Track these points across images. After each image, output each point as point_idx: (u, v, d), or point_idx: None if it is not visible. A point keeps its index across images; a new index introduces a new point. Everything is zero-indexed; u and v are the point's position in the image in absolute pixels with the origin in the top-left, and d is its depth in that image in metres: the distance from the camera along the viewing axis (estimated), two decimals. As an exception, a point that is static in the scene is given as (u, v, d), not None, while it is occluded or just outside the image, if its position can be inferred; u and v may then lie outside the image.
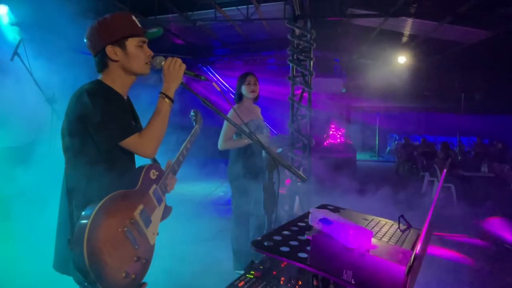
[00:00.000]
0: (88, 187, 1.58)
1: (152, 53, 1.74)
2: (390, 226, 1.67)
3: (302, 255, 1.37)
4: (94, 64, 1.73)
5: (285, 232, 1.58)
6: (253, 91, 3.55)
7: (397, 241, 1.49)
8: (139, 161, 1.82)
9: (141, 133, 1.62)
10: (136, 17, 1.75)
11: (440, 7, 6.67)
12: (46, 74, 4.73)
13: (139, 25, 1.73)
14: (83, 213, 1.48)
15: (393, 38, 9.36)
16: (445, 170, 1.66)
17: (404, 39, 9.65)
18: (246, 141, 3.50)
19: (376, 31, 8.85)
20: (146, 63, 1.72)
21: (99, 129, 1.55)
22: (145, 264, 1.65)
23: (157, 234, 1.77)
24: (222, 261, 3.97)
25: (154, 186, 1.80)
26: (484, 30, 7.70)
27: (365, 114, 15.11)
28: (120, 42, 1.66)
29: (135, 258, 1.57)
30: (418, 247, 1.34)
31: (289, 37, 5.40)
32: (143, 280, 1.64)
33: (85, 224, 1.42)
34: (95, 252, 1.41)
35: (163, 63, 1.70)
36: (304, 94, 5.44)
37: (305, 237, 1.51)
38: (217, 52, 12.40)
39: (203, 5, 7.43)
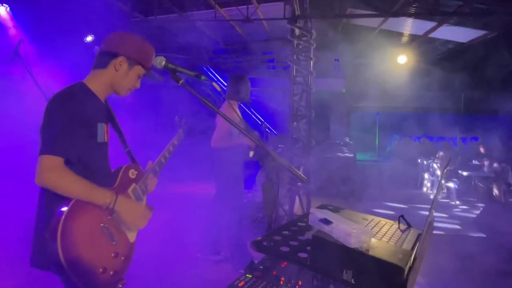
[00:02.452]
0: None
1: (138, 87, 1.86)
2: (390, 226, 1.67)
3: (302, 255, 1.37)
4: (94, 60, 1.79)
5: (285, 232, 1.58)
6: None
7: (397, 241, 1.49)
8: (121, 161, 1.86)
9: (65, 168, 1.54)
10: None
11: (440, 7, 6.67)
12: (46, 74, 4.74)
13: (152, 63, 1.83)
14: (59, 206, 1.49)
15: (393, 38, 9.35)
16: (445, 170, 1.66)
17: (404, 39, 9.64)
18: (243, 140, 3.57)
19: (376, 31, 8.85)
20: (129, 90, 1.83)
21: (41, 135, 1.59)
22: (125, 261, 1.67)
23: (137, 232, 1.80)
24: (222, 261, 3.98)
25: (133, 185, 1.84)
26: (484, 30, 7.70)
27: (365, 114, 15.11)
28: (132, 62, 1.77)
29: (113, 254, 1.59)
30: (418, 247, 1.34)
31: (289, 37, 5.40)
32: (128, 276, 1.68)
33: (60, 217, 1.43)
34: (69, 245, 1.42)
35: (163, 63, 1.70)
36: (304, 94, 5.44)
37: (305, 237, 1.51)
38: (217, 52, 12.39)
39: (203, 5, 7.42)
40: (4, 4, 5.91)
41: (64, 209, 1.46)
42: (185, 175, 7.02)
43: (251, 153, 3.84)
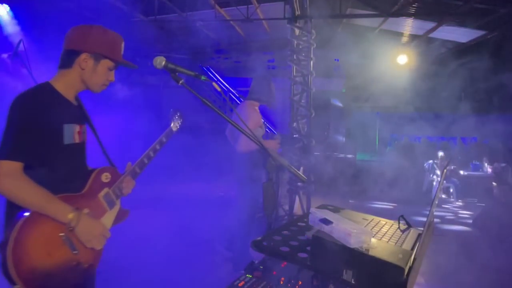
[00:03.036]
0: None
1: (113, 80, 1.78)
2: (390, 226, 1.67)
3: (302, 255, 1.37)
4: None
5: (285, 232, 1.58)
6: None
7: (397, 241, 1.49)
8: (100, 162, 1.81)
9: (21, 174, 1.47)
10: (123, 45, 1.78)
11: (440, 7, 6.67)
12: (46, 74, 4.74)
13: (122, 51, 1.77)
14: (18, 213, 1.44)
15: (393, 38, 9.36)
16: (445, 170, 1.66)
17: (404, 39, 9.65)
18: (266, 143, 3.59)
19: (376, 31, 8.85)
20: (103, 85, 1.75)
21: (1, 138, 1.50)
22: (89, 268, 1.62)
23: (107, 237, 1.72)
24: (222, 262, 3.98)
25: (106, 189, 1.77)
26: (484, 30, 7.70)
27: (365, 114, 15.11)
28: (97, 57, 1.68)
29: (74, 263, 1.53)
30: (418, 247, 1.34)
31: (289, 37, 5.39)
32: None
33: (15, 228, 1.39)
34: (22, 257, 1.37)
35: (163, 63, 1.70)
36: (304, 94, 5.44)
37: (305, 237, 1.51)
38: (217, 52, 12.39)
39: (203, 5, 7.42)
40: (4, 4, 5.91)
41: (23, 216, 1.41)
42: (188, 175, 7.05)
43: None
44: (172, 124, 2.25)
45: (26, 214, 1.42)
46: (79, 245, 1.56)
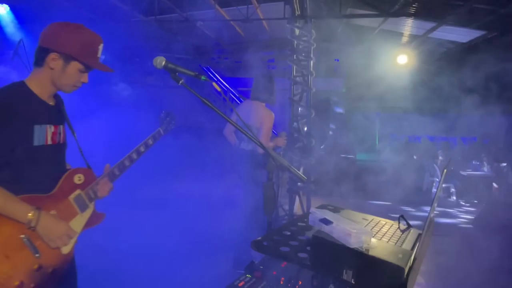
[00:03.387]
0: None
1: (86, 82, 1.69)
2: (390, 226, 1.67)
3: (302, 255, 1.37)
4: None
5: (285, 232, 1.58)
6: None
7: (397, 241, 1.49)
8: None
9: None
10: (102, 47, 1.70)
11: (440, 7, 6.67)
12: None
13: (99, 54, 1.67)
14: None
15: (393, 38, 9.36)
16: (445, 170, 1.66)
17: (404, 39, 9.64)
18: (271, 144, 3.66)
19: (376, 31, 8.85)
20: (74, 86, 1.68)
21: None
22: (53, 273, 1.56)
23: (76, 242, 1.67)
24: (222, 261, 3.98)
25: (77, 191, 1.72)
26: (484, 30, 7.70)
27: (364, 114, 15.10)
28: (67, 58, 1.60)
29: (35, 267, 1.49)
30: (418, 247, 1.34)
31: (289, 37, 5.39)
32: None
33: None
34: None
35: (163, 63, 1.70)
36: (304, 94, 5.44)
37: (305, 237, 1.51)
38: (217, 52, 12.40)
39: (203, 5, 7.42)
40: (4, 4, 5.92)
41: None
42: (191, 174, 7.06)
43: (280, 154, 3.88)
44: (160, 127, 2.21)
45: None
46: (42, 248, 1.52)
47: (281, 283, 1.53)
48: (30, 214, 1.46)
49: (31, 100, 1.60)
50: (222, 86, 12.62)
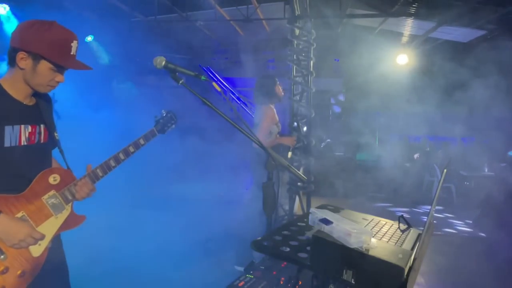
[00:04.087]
0: None
1: (62, 81, 1.63)
2: (390, 226, 1.67)
3: (302, 255, 1.37)
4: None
5: (285, 232, 1.58)
6: (283, 92, 3.99)
7: (397, 241, 1.49)
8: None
9: None
10: (76, 44, 1.62)
11: (440, 7, 6.67)
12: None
13: (73, 51, 1.61)
14: None
15: (393, 38, 9.36)
16: (445, 170, 1.66)
17: (404, 39, 9.65)
18: (283, 140, 3.82)
19: (376, 31, 8.85)
20: (49, 86, 1.62)
21: None
22: (22, 277, 1.51)
23: (48, 245, 1.61)
24: (224, 260, 3.98)
25: (52, 192, 1.66)
26: (484, 30, 7.70)
27: (365, 114, 15.10)
28: (36, 57, 1.54)
29: (1, 269, 1.45)
30: (418, 247, 1.34)
31: (289, 37, 5.39)
32: None
33: None
34: None
35: (163, 63, 1.70)
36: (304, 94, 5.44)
37: (305, 237, 1.51)
38: (217, 52, 12.40)
39: (203, 5, 7.42)
40: (4, 4, 5.91)
41: None
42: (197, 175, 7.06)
43: (290, 154, 3.94)
44: (155, 126, 2.13)
45: None
46: (9, 249, 1.48)
47: (281, 283, 1.53)
48: None
49: (3, 100, 1.56)
50: (222, 86, 12.61)
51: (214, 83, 1.82)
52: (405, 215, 1.73)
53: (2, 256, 1.46)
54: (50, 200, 1.64)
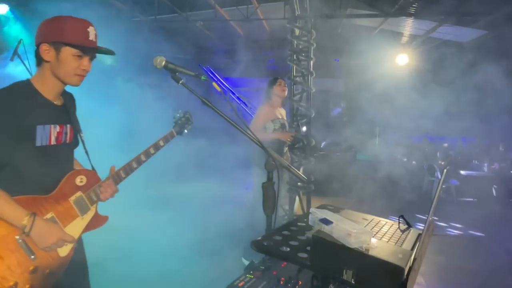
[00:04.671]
0: None
1: (88, 70, 1.65)
2: (390, 226, 1.67)
3: (302, 255, 1.37)
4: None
5: (285, 232, 1.58)
6: (283, 91, 4.16)
7: (397, 241, 1.49)
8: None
9: None
10: (93, 30, 1.65)
11: (440, 7, 6.67)
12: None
13: (92, 37, 1.64)
14: None
15: (393, 38, 9.36)
16: (445, 170, 1.66)
17: (404, 39, 9.65)
18: (278, 136, 3.96)
19: (376, 31, 8.85)
20: (77, 75, 1.63)
21: None
22: (50, 276, 1.53)
23: (74, 244, 1.63)
24: (226, 260, 3.98)
25: (78, 193, 1.69)
26: (484, 30, 7.70)
27: (365, 114, 15.11)
28: (57, 45, 1.58)
29: (31, 269, 1.47)
30: (418, 247, 1.34)
31: (289, 37, 5.39)
32: None
33: None
34: None
35: (163, 63, 1.70)
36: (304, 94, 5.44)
37: (305, 237, 1.51)
38: (217, 52, 12.40)
39: (203, 5, 7.42)
40: (4, 4, 5.91)
41: None
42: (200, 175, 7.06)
43: (286, 149, 4.10)
44: (174, 128, 2.16)
45: None
46: (38, 250, 1.50)
47: (281, 283, 1.53)
48: (24, 220, 1.44)
49: (35, 99, 1.59)
50: (222, 86, 12.62)
51: (214, 83, 1.82)
52: (405, 215, 1.73)
53: (32, 257, 1.48)
54: (76, 201, 1.67)
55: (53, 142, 1.62)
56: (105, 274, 3.10)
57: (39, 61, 1.62)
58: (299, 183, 5.09)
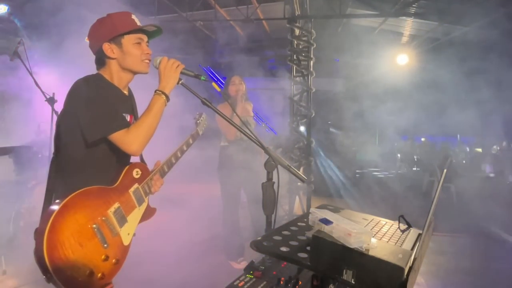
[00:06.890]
0: (68, 180, 1.58)
1: (150, 52, 1.75)
2: (390, 226, 1.67)
3: (302, 255, 1.37)
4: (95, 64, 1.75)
5: (285, 232, 1.58)
6: (237, 90, 3.89)
7: (397, 241, 1.49)
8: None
9: (129, 129, 1.58)
10: (136, 17, 1.79)
11: (440, 7, 6.67)
12: (46, 74, 4.74)
13: (138, 23, 1.75)
14: (52, 205, 1.44)
15: (393, 38, 9.36)
16: (445, 170, 1.66)
17: (404, 39, 9.65)
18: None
19: (376, 31, 8.85)
20: (144, 61, 1.73)
21: (87, 121, 1.55)
22: (116, 264, 1.59)
23: (134, 235, 1.72)
24: (224, 261, 3.98)
25: (136, 185, 1.76)
26: (484, 30, 7.70)
27: (365, 114, 15.11)
28: (116, 40, 1.69)
29: (103, 257, 1.52)
30: (418, 247, 1.34)
31: (289, 37, 5.39)
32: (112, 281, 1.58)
33: (50, 215, 1.38)
34: (55, 245, 1.36)
35: (158, 61, 1.70)
36: (304, 94, 5.44)
37: (305, 237, 1.51)
38: (217, 52, 12.40)
39: (203, 5, 7.42)
40: (4, 4, 5.91)
41: (55, 206, 1.41)
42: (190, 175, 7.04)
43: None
44: (197, 127, 2.31)
45: (57, 205, 1.41)
46: (110, 238, 1.56)
47: (281, 283, 1.53)
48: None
49: (114, 90, 1.71)
50: (222, 86, 12.61)
51: (214, 83, 1.83)
52: (405, 215, 1.73)
53: (105, 245, 1.53)
54: (135, 193, 1.75)
55: None
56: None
57: (102, 62, 1.71)
58: (299, 183, 5.10)
